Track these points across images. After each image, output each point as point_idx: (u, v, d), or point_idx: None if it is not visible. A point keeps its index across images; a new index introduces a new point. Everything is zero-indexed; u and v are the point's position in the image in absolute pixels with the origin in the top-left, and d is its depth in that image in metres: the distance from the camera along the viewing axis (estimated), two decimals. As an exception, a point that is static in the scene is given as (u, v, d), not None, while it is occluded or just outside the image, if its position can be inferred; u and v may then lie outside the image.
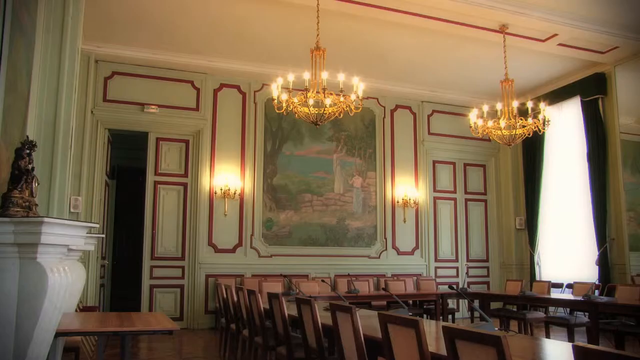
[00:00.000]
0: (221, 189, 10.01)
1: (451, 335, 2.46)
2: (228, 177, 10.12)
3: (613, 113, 9.88)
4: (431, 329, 4.24)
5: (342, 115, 6.92)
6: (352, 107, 6.82)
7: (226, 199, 10.05)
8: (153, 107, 9.80)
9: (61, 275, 3.39)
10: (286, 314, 4.78)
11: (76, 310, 5.66)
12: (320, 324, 4.14)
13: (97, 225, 5.89)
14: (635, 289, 7.08)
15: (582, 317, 7.39)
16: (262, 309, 5.31)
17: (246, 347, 6.02)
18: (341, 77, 6.72)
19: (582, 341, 7.46)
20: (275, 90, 6.94)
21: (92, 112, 9.41)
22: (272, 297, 5.03)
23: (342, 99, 6.74)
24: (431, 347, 2.95)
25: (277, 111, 6.94)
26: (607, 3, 7.95)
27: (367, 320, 4.28)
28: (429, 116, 12.02)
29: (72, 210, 8.38)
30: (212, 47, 9.48)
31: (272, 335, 5.21)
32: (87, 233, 4.49)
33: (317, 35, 7.10)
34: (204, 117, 10.20)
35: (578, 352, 1.77)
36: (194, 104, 10.20)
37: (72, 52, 5.77)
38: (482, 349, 2.28)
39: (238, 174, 10.26)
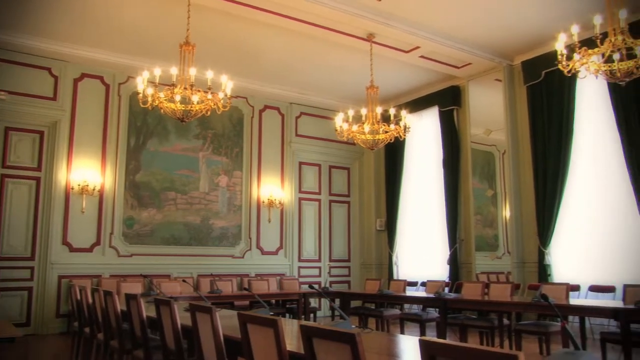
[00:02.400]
0: (79, 185, 9.44)
1: (308, 334, 2.51)
2: (87, 172, 9.57)
3: (466, 123, 10.64)
4: (291, 328, 4.30)
5: (209, 113, 6.82)
6: (220, 106, 6.75)
7: (84, 195, 9.50)
8: (3, 93, 9.01)
9: None
10: (144, 315, 4.61)
11: None
12: (179, 325, 4.04)
13: None
14: (479, 285, 7.68)
15: (434, 312, 7.88)
16: (119, 310, 5.08)
17: (101, 352, 5.74)
18: (210, 75, 6.64)
19: (432, 335, 7.97)
20: (141, 83, 6.70)
21: None
22: (130, 298, 4.83)
23: (210, 96, 6.65)
24: (290, 346, 2.98)
25: (142, 106, 6.69)
26: (464, 23, 8.55)
27: (228, 321, 4.24)
28: (297, 118, 12.21)
29: None
30: (75, 33, 8.88)
31: (129, 338, 5.01)
32: None
33: (188, 30, 6.94)
34: (62, 108, 9.56)
35: (423, 345, 1.89)
36: (51, 93, 9.52)
37: None
38: (338, 346, 2.35)
39: (98, 169, 9.74)
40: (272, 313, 4.10)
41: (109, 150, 9.89)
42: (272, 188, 11.55)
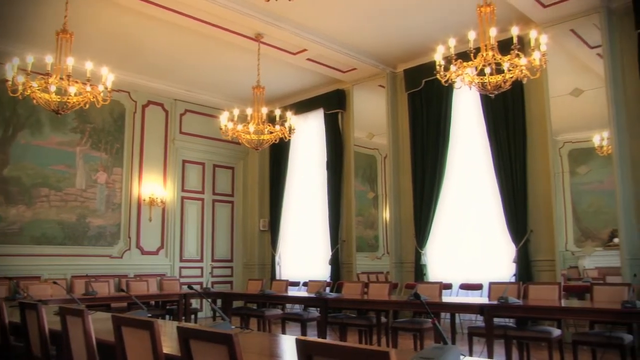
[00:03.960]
0: None
1: (185, 336, 2.47)
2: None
3: (349, 127, 10.92)
4: (169, 330, 4.20)
5: (87, 105, 6.50)
6: (100, 99, 6.46)
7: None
8: None
9: None
10: (6, 321, 4.30)
11: None
12: (47, 330, 3.82)
13: None
14: (358, 285, 7.91)
15: (315, 312, 8.01)
16: (-23, 316, 4.71)
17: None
18: (89, 66, 6.32)
19: (313, 334, 8.10)
20: (11, 70, 6.23)
21: None
22: (-9, 302, 4.49)
23: (88, 88, 6.34)
24: (168, 349, 2.92)
25: (12, 94, 6.23)
26: (350, 29, 8.77)
27: (102, 324, 4.06)
28: (181, 115, 11.93)
29: None
30: None
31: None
32: None
33: (65, 17, 6.55)
34: None
35: (299, 345, 1.93)
36: None
37: None
38: (215, 348, 2.33)
39: (-41, 161, 8.96)
40: (150, 315, 3.98)
41: (-28, 142, 9.13)
42: (154, 186, 11.20)
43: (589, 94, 7.82)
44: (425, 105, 9.63)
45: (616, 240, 7.41)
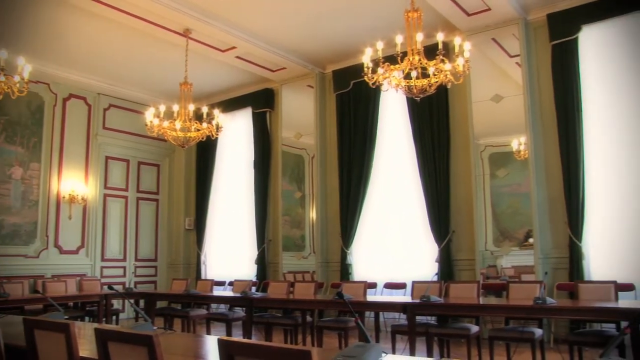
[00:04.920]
0: None
1: (103, 338, 2.40)
2: None
3: (278, 126, 10.91)
4: (88, 332, 4.05)
5: (1, 96, 6.19)
6: (16, 90, 6.17)
7: None
8: None
9: None
10: None
11: None
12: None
13: None
14: (284, 285, 7.92)
15: (241, 312, 7.95)
16: None
17: None
18: (3, 55, 6.03)
19: (238, 334, 8.04)
20: None
21: None
22: None
23: (2, 78, 6.03)
24: (85, 352, 2.82)
25: None
26: (281, 28, 8.76)
27: (14, 328, 3.88)
28: (105, 110, 11.54)
29: None
30: None
31: None
32: None
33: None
34: None
35: (221, 345, 1.91)
36: None
37: None
38: (134, 350, 2.27)
39: None
40: (67, 317, 3.83)
41: None
42: (75, 183, 10.77)
43: (509, 101, 8.15)
44: (353, 106, 9.75)
45: (531, 240, 7.77)
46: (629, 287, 6.68)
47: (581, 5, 7.59)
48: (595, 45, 7.59)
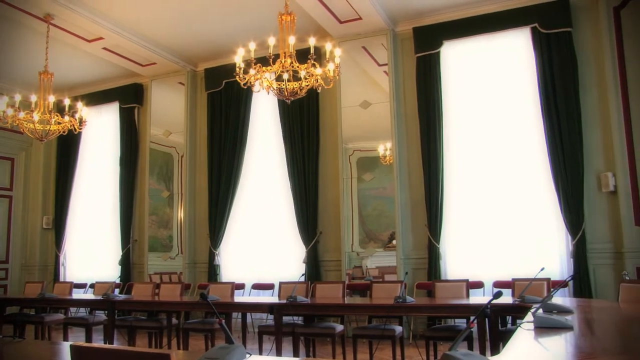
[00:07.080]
0: None
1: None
2: None
3: (146, 123, 10.55)
4: None
5: None
6: None
7: None
8: None
9: None
10: None
11: None
12: None
13: None
14: (149, 286, 7.68)
15: (103, 315, 7.58)
16: None
17: None
18: None
19: (99, 339, 7.67)
20: None
21: None
22: None
23: None
24: None
25: None
26: (152, 22, 8.50)
27: None
28: (-49, 97, 10.53)
29: None
30: None
31: None
32: None
33: None
34: None
35: (73, 351, 1.82)
36: None
37: None
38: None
39: None
40: None
41: None
42: None
43: (376, 107, 8.51)
44: (224, 105, 9.67)
45: (394, 242, 8.16)
46: (479, 285, 7.28)
47: (444, 22, 8.18)
48: (455, 59, 8.20)
